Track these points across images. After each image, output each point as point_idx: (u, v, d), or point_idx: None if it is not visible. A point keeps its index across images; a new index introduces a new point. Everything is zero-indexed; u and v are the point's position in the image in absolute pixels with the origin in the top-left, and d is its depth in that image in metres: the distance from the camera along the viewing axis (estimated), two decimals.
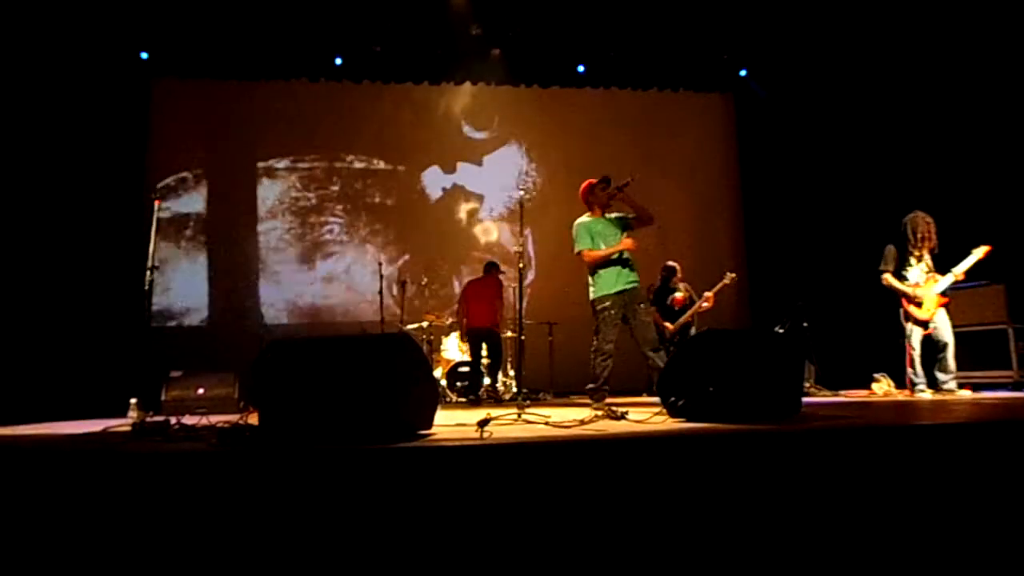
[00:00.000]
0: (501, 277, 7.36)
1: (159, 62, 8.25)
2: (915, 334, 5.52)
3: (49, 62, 7.16)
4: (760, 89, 9.28)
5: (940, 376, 5.43)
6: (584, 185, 5.00)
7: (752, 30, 8.40)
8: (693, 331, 6.87)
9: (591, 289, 4.90)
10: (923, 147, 7.42)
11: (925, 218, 5.54)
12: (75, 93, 7.41)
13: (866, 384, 6.12)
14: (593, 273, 4.88)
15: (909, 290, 5.52)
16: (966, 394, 5.37)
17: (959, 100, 7.12)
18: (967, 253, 5.45)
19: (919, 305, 5.48)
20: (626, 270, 4.80)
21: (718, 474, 2.32)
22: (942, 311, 5.49)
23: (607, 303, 4.76)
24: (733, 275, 6.80)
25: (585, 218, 4.99)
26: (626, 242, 4.80)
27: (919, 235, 5.51)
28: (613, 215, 4.99)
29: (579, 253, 4.90)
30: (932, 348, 5.56)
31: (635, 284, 4.82)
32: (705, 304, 6.76)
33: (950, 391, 5.34)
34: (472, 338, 7.07)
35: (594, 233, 4.87)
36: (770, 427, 2.72)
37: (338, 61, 8.66)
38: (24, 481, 2.20)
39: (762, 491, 2.31)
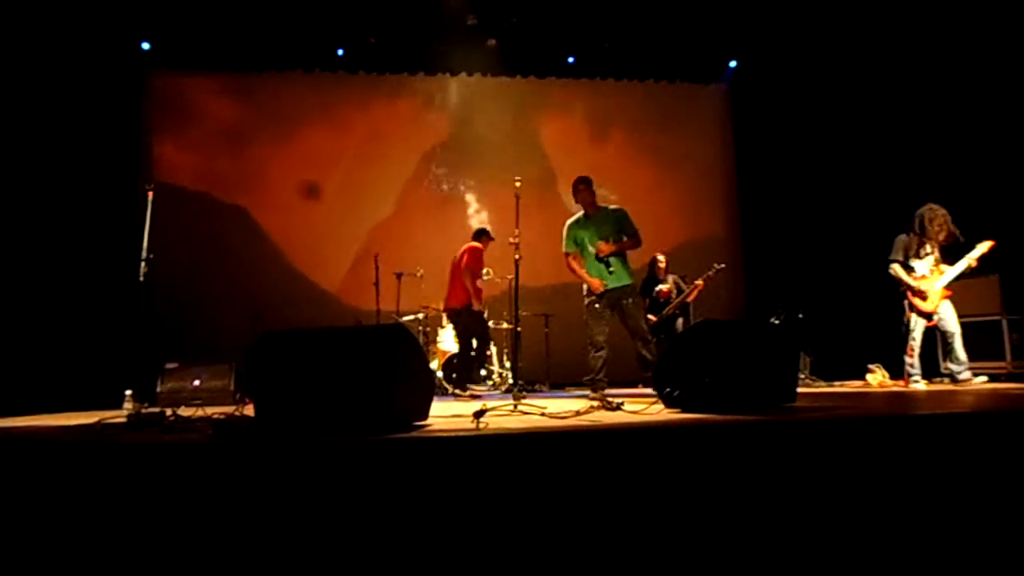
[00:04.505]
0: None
1: (154, 54, 8.24)
2: (918, 326, 5.51)
3: (44, 53, 7.10)
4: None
5: (953, 367, 5.41)
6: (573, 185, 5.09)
7: (747, 20, 8.38)
8: (680, 323, 6.95)
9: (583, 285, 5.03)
10: (917, 138, 7.43)
11: (940, 209, 5.50)
12: (70, 84, 7.36)
13: (861, 375, 6.15)
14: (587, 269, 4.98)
15: (914, 283, 5.51)
16: (982, 379, 5.39)
17: (953, 92, 7.12)
18: (970, 247, 5.44)
19: (924, 298, 5.48)
20: (608, 271, 4.89)
21: (713, 464, 2.33)
22: (947, 302, 5.48)
23: (591, 299, 4.94)
24: (722, 265, 6.95)
25: (573, 219, 5.09)
26: (602, 247, 4.91)
27: (936, 226, 5.47)
28: (609, 210, 5.03)
29: (566, 254, 5.08)
30: (932, 340, 5.55)
31: (618, 285, 4.91)
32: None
33: (966, 380, 5.33)
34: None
35: (578, 238, 5.00)
36: (765, 418, 2.73)
37: (338, 52, 8.62)
38: (18, 473, 2.20)
39: (757, 481, 2.31)
